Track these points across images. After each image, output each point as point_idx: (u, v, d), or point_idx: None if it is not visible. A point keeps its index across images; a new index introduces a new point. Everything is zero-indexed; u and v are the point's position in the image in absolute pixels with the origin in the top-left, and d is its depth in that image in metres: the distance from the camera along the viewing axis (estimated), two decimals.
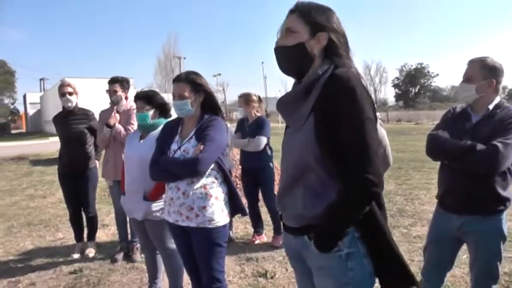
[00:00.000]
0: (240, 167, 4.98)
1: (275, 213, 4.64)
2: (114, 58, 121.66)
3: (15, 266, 4.33)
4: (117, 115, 4.18)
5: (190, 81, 2.50)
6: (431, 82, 79.14)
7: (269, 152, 4.61)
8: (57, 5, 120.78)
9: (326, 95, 1.45)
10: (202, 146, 2.37)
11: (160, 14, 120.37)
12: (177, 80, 2.54)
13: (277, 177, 4.88)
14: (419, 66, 77.29)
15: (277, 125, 21.04)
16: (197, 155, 2.34)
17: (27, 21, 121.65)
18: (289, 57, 1.56)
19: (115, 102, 4.25)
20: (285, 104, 1.64)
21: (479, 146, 2.23)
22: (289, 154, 1.63)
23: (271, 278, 3.75)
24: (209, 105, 2.58)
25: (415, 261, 3.98)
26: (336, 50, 1.54)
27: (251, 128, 4.59)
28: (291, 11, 1.58)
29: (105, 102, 4.43)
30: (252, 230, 4.92)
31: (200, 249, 2.51)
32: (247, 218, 5.48)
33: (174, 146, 2.51)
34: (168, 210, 2.55)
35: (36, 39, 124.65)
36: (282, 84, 63.61)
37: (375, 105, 1.52)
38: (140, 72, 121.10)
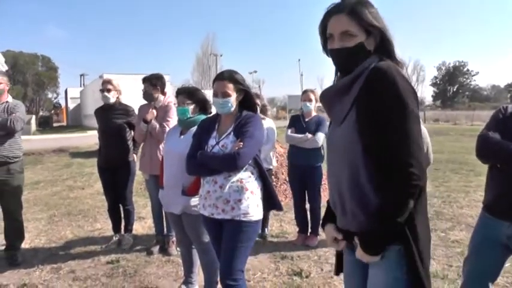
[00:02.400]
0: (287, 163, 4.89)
1: (317, 214, 4.60)
2: (152, 55, 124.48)
3: (57, 253, 4.51)
4: (154, 111, 4.27)
5: (233, 80, 2.56)
6: (470, 81, 76.58)
7: (322, 151, 4.53)
8: (97, 3, 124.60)
9: (367, 87, 1.47)
10: (242, 141, 2.41)
11: (199, 12, 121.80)
12: (221, 78, 2.58)
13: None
14: (457, 64, 74.89)
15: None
16: (237, 149, 2.39)
17: (69, 19, 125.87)
18: (350, 56, 1.55)
19: (145, 99, 4.36)
20: (330, 96, 1.65)
21: None
22: (334, 153, 1.63)
23: (306, 277, 3.73)
24: (246, 103, 2.64)
25: (453, 266, 3.86)
26: (385, 45, 1.56)
27: (310, 125, 4.52)
28: (339, 10, 1.55)
29: (140, 98, 4.53)
30: (296, 228, 4.86)
31: (229, 240, 2.53)
32: (281, 216, 5.49)
33: (212, 142, 2.56)
34: (204, 204, 2.60)
35: (78, 37, 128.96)
36: (318, 81, 62.79)
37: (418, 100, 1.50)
38: (178, 69, 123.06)
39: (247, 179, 2.51)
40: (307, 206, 4.75)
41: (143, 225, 5.48)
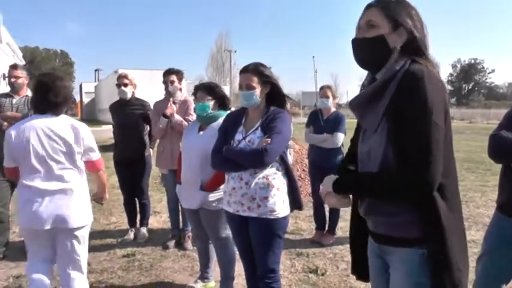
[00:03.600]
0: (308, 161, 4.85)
1: (335, 213, 4.60)
2: (165, 51, 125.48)
3: None
4: (174, 106, 4.27)
5: (258, 72, 2.51)
6: (486, 79, 75.45)
7: (342, 149, 4.48)
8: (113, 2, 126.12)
9: (399, 92, 1.42)
10: (269, 138, 2.38)
11: (213, 7, 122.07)
12: (245, 70, 2.54)
13: None
14: (473, 62, 73.80)
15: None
16: (265, 146, 2.35)
17: (84, 14, 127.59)
18: (367, 48, 1.53)
19: (172, 92, 4.34)
20: (361, 104, 1.59)
21: None
22: (366, 162, 1.59)
23: (322, 274, 3.71)
24: (274, 97, 2.59)
25: (470, 266, 3.75)
26: (414, 45, 1.50)
27: (328, 123, 4.46)
28: (371, 5, 1.54)
29: (155, 93, 4.52)
30: (312, 226, 4.85)
31: (259, 239, 2.53)
32: (297, 213, 5.44)
33: (238, 136, 2.53)
34: (228, 200, 2.58)
35: (93, 32, 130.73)
36: (332, 78, 62.16)
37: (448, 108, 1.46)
38: (191, 65, 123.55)
39: (273, 175, 2.48)
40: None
41: (158, 219, 5.51)
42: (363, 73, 1.68)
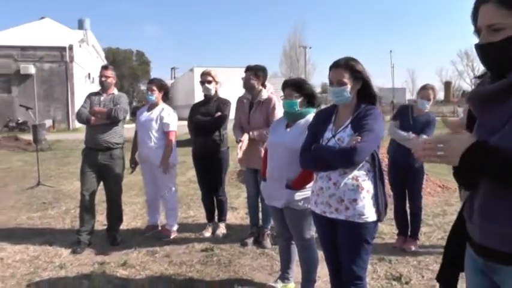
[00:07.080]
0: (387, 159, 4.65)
1: (417, 217, 4.36)
2: (239, 48, 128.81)
3: (152, 237, 4.70)
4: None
5: (349, 68, 2.38)
6: None
7: None
8: (189, 2, 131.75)
9: None
10: (360, 136, 2.25)
11: (286, 3, 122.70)
12: (336, 65, 2.41)
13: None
14: None
15: None
16: (354, 144, 2.22)
17: (162, 16, 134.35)
18: (496, 53, 1.34)
19: (248, 89, 4.34)
20: (483, 99, 1.42)
21: None
22: None
23: (406, 283, 3.48)
24: (365, 93, 2.44)
25: None
26: None
27: (418, 122, 4.21)
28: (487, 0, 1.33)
29: (233, 90, 4.53)
30: (393, 229, 4.62)
31: (346, 243, 2.41)
32: None
33: (327, 134, 2.42)
34: (316, 200, 2.48)
35: (169, 32, 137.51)
36: (408, 73, 59.13)
37: None
38: (265, 62, 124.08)
39: (363, 177, 2.34)
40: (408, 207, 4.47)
41: (236, 215, 5.54)
42: (442, 68, 1.48)
